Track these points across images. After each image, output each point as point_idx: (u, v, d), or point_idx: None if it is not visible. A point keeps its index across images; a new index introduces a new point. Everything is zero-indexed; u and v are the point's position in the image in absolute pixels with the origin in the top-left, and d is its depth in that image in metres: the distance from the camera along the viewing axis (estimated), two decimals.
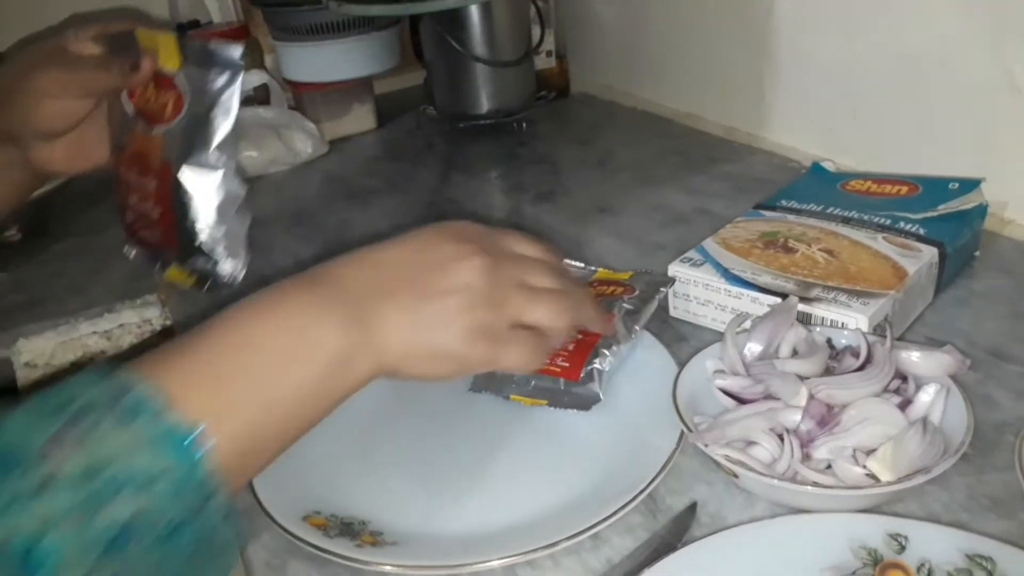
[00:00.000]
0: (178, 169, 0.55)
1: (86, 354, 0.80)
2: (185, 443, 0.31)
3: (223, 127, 0.55)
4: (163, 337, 0.81)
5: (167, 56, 0.57)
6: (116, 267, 0.85)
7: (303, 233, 0.88)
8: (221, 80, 0.55)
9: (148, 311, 0.81)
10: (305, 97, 1.13)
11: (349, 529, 0.49)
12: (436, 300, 0.41)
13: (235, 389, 0.35)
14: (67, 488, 0.29)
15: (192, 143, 0.55)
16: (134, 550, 0.29)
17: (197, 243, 0.57)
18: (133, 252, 0.62)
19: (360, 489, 0.53)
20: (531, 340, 0.44)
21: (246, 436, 0.35)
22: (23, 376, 0.77)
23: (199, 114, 0.56)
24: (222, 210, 0.57)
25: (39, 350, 0.76)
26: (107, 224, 0.84)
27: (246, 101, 1.07)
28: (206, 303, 0.76)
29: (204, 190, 0.56)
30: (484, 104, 1.06)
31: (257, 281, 0.81)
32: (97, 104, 0.58)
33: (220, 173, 0.56)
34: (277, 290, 0.39)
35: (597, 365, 0.56)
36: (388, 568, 0.45)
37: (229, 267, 0.58)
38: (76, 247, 0.91)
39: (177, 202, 0.55)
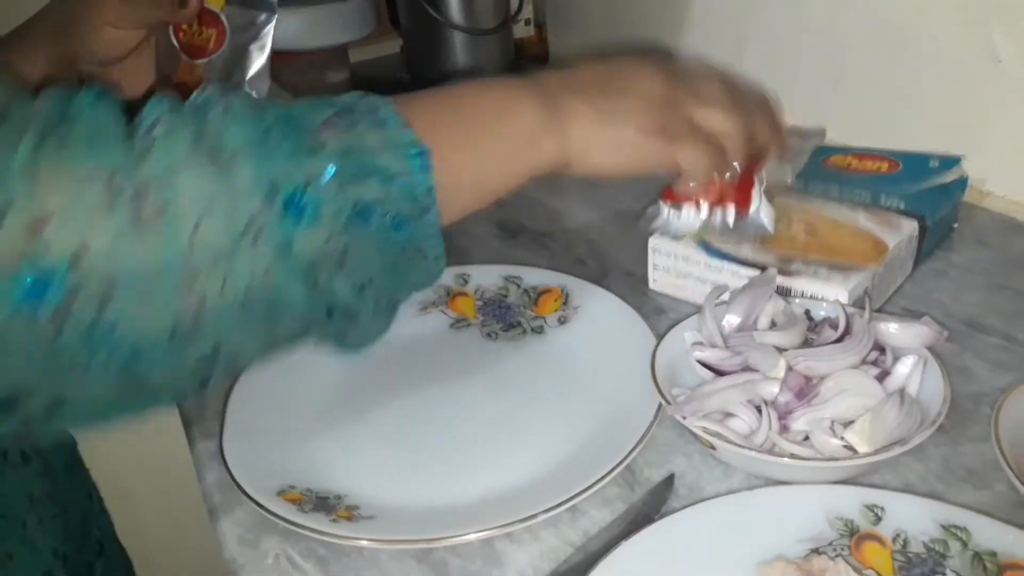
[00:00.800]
0: None
1: None
2: (419, 155, 0.37)
3: (258, 61, 0.63)
4: None
5: None
6: None
7: None
8: (259, 18, 0.63)
9: None
10: (279, 67, 1.10)
11: (324, 504, 0.48)
12: (619, 98, 0.46)
13: (453, 130, 0.42)
14: (332, 159, 0.34)
15: (230, 74, 0.63)
16: (367, 229, 0.36)
17: None
18: None
19: (336, 464, 0.52)
20: (705, 142, 0.48)
21: (456, 172, 0.40)
22: None
23: (238, 48, 0.63)
24: None
25: None
26: None
27: None
28: None
29: None
30: (461, 73, 1.04)
31: None
32: (148, 36, 0.63)
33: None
34: (484, 80, 0.45)
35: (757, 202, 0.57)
36: (364, 542, 0.45)
37: None
38: None
39: None
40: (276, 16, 0.63)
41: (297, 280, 0.34)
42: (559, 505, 0.45)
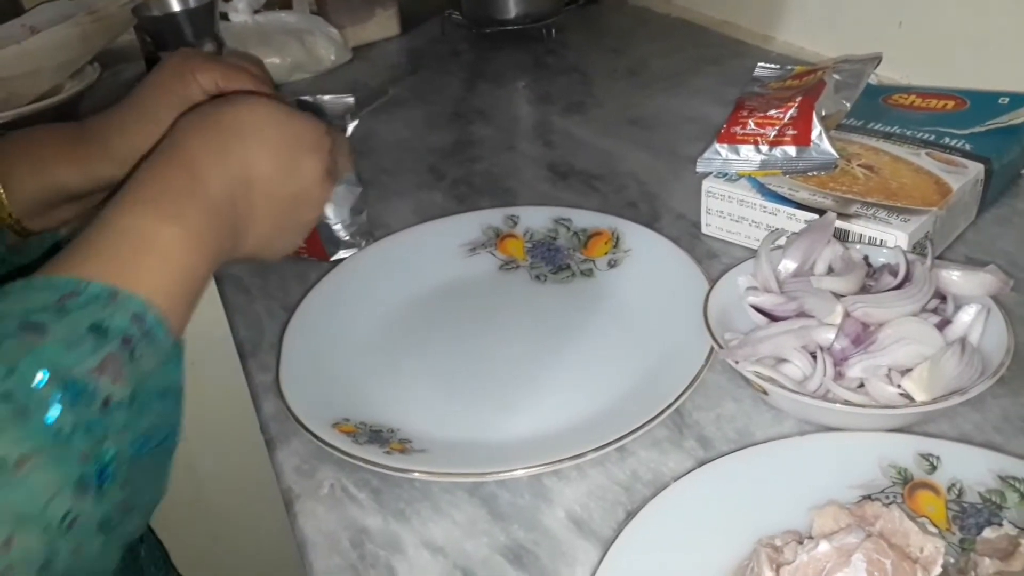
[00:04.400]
0: None
1: None
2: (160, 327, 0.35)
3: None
4: None
5: None
6: None
7: None
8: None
9: None
10: (328, 1, 1.09)
11: (378, 436, 0.49)
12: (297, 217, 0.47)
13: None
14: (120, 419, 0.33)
15: None
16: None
17: (343, 239, 0.67)
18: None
19: (389, 398, 0.53)
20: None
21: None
22: None
23: None
24: (354, 209, 0.66)
25: None
26: None
27: (268, 5, 1.04)
28: None
29: (340, 199, 0.65)
30: (512, 8, 1.02)
31: None
32: None
33: (346, 183, 0.65)
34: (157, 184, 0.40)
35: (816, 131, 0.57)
36: (416, 474, 0.46)
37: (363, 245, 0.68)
38: None
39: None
40: (351, 123, 0.64)
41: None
42: (608, 445, 0.46)
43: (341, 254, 0.66)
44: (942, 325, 0.47)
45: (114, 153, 0.56)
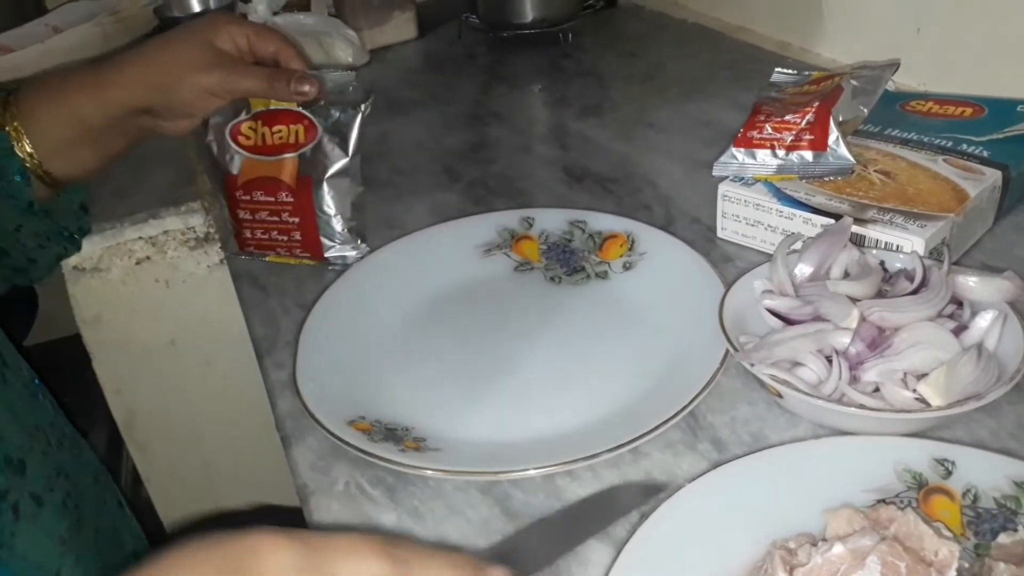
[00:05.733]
0: (320, 182, 0.64)
1: (132, 259, 0.81)
2: None
3: (352, 140, 0.64)
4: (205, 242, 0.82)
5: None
6: (160, 173, 0.85)
7: None
8: (344, 114, 0.64)
9: (192, 219, 0.82)
10: (346, 3, 1.10)
11: (393, 434, 0.49)
12: None
13: None
14: None
15: (329, 159, 0.64)
16: None
17: (338, 231, 0.66)
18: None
19: (405, 397, 0.53)
20: None
21: None
22: (71, 278, 0.79)
23: (332, 135, 0.64)
24: (355, 205, 0.66)
25: (86, 254, 0.78)
26: None
27: (287, 7, 1.05)
28: None
29: (342, 192, 0.65)
30: (529, 12, 1.02)
31: None
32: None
33: (350, 178, 0.65)
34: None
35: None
36: (430, 472, 0.46)
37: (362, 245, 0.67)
38: None
39: (319, 208, 0.64)
40: (361, 115, 0.64)
41: None
42: (622, 446, 0.46)
43: (335, 251, 0.66)
44: (958, 331, 0.47)
45: (128, 79, 0.57)
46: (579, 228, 0.66)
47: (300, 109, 0.64)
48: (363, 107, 0.64)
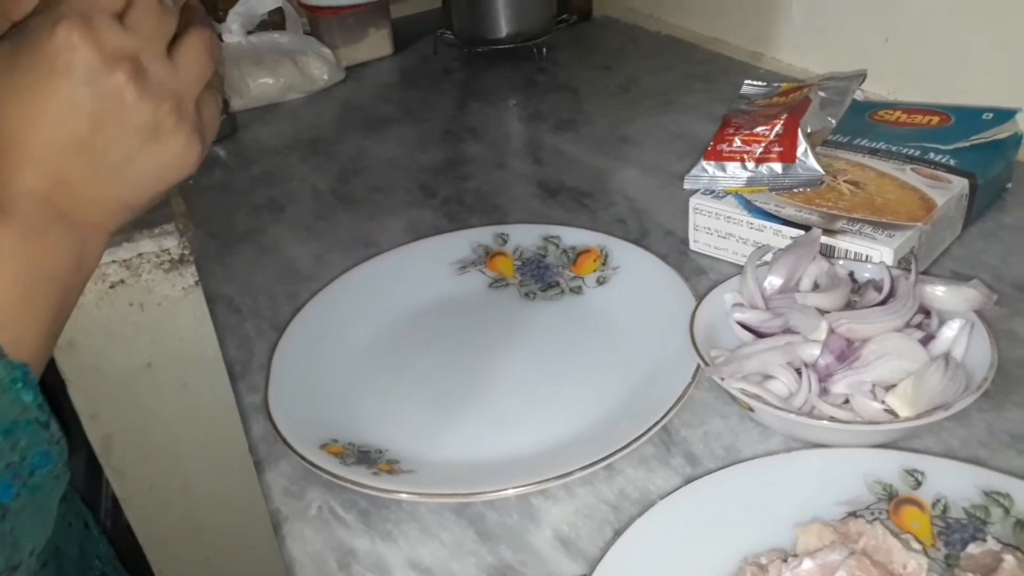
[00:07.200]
0: None
1: (106, 282, 0.80)
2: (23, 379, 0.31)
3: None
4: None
5: None
6: None
7: (319, 162, 0.87)
8: None
9: (166, 241, 0.81)
10: (321, 22, 1.10)
11: (366, 457, 0.49)
12: None
13: None
14: None
15: None
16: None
17: None
18: None
19: (378, 418, 0.53)
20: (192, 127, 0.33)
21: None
22: None
23: None
24: None
25: None
26: None
27: (261, 25, 1.05)
28: (224, 234, 0.76)
29: None
30: (503, 28, 1.03)
31: (275, 214, 0.80)
32: None
33: None
34: None
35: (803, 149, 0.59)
36: (404, 495, 0.46)
37: None
38: None
39: None
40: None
41: None
42: (595, 463, 0.46)
43: None
44: (926, 340, 0.47)
45: None
46: (553, 243, 0.66)
47: None
48: None
